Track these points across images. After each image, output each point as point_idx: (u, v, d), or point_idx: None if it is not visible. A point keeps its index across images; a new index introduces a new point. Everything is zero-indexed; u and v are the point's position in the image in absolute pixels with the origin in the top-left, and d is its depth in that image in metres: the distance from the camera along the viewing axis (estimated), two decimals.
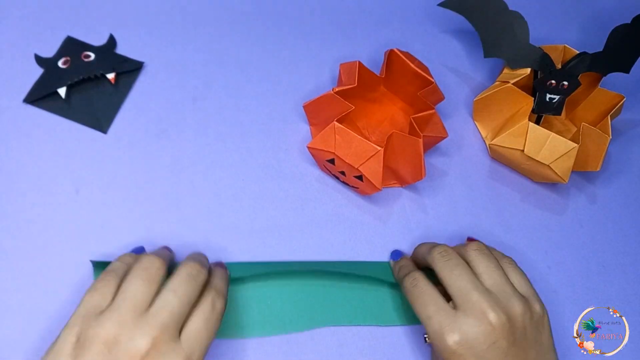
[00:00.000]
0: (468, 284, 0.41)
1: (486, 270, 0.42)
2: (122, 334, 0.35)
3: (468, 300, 0.40)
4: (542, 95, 0.54)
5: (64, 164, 0.52)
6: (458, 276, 0.41)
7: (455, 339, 0.39)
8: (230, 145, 0.55)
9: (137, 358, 0.35)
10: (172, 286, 0.38)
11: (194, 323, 0.38)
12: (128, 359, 0.35)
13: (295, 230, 0.52)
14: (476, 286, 0.41)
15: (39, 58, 0.55)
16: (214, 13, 0.61)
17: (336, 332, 0.48)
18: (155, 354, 0.35)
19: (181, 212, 0.51)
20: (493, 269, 0.42)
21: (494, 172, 0.57)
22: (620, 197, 0.57)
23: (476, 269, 0.43)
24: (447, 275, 0.42)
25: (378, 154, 0.47)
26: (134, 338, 0.35)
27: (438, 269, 0.43)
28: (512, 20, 0.54)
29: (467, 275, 0.42)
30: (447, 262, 0.43)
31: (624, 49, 0.52)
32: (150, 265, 0.39)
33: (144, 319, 0.36)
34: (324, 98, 0.50)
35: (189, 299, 0.38)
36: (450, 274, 0.42)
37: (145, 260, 0.40)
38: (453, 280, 0.41)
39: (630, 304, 0.52)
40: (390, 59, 0.54)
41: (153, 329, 0.35)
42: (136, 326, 0.35)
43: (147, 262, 0.39)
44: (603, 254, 0.54)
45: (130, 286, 0.38)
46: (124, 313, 0.36)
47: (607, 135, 0.52)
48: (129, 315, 0.36)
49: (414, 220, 0.53)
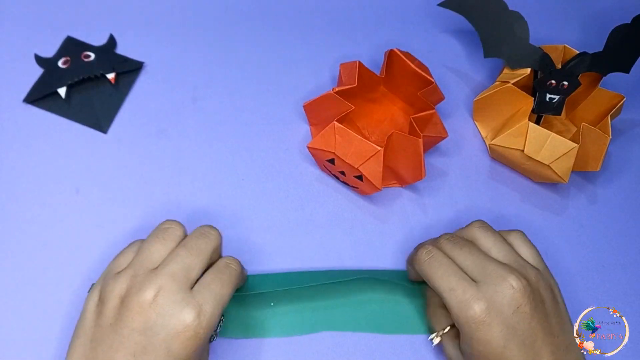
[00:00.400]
0: (480, 256, 0.40)
1: (494, 245, 0.42)
2: (133, 287, 0.36)
3: (484, 270, 0.39)
4: (542, 95, 0.54)
5: (64, 163, 0.52)
6: (469, 252, 0.41)
7: (482, 306, 0.38)
8: (230, 145, 0.55)
9: (145, 306, 0.35)
10: (184, 242, 0.39)
11: (205, 277, 0.38)
12: (138, 308, 0.35)
13: (295, 230, 0.52)
14: (489, 258, 0.40)
15: (39, 58, 0.55)
16: (214, 13, 0.61)
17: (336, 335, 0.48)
18: (163, 301, 0.35)
19: (181, 212, 0.51)
20: (500, 243, 0.42)
21: (494, 172, 0.57)
22: (621, 197, 0.56)
23: (484, 246, 0.42)
24: (458, 255, 0.41)
25: (378, 154, 0.47)
26: (142, 289, 0.36)
27: (449, 250, 0.42)
28: (512, 20, 0.54)
29: (476, 250, 0.41)
30: (455, 244, 0.42)
31: (624, 49, 0.52)
32: (169, 226, 0.40)
33: (154, 271, 0.37)
34: (324, 98, 0.50)
35: (200, 252, 0.39)
36: (460, 252, 0.41)
37: (165, 223, 0.41)
38: (465, 257, 0.41)
39: (630, 304, 0.51)
40: (391, 59, 0.54)
41: (161, 278, 0.36)
42: (145, 278, 0.36)
43: (167, 224, 0.41)
44: (603, 254, 0.54)
45: (147, 245, 0.39)
46: (137, 269, 0.37)
47: (607, 135, 0.52)
48: (142, 271, 0.37)
49: (413, 220, 0.53)
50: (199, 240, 0.39)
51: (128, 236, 0.49)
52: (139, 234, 0.49)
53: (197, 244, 0.39)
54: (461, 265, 0.41)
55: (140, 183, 0.52)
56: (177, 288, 0.36)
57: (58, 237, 0.49)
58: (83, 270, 0.47)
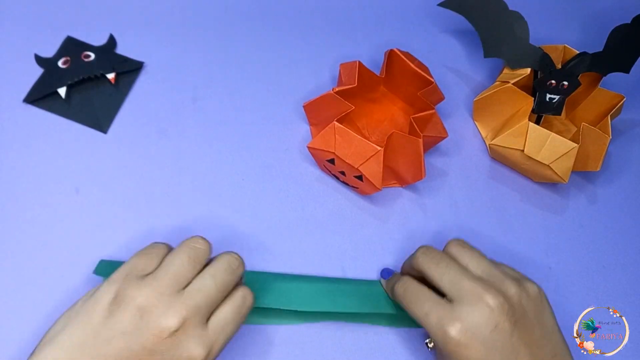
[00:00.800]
0: (457, 274, 0.40)
1: (471, 260, 0.42)
2: (157, 306, 0.36)
3: (461, 289, 0.39)
4: (542, 95, 0.54)
5: (64, 163, 0.52)
6: (445, 268, 0.41)
7: (457, 328, 0.38)
8: (230, 145, 0.55)
9: (164, 334, 0.35)
10: (213, 271, 0.39)
11: (223, 312, 0.38)
12: (156, 332, 0.35)
13: (295, 230, 0.52)
14: (466, 275, 0.40)
15: (39, 58, 0.55)
16: (214, 13, 0.61)
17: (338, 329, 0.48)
18: (182, 334, 0.36)
19: (181, 212, 0.51)
20: (478, 258, 0.42)
21: (494, 172, 0.57)
22: (621, 197, 0.57)
23: (461, 261, 0.42)
24: (434, 272, 0.41)
25: (378, 154, 0.47)
26: (166, 313, 0.36)
27: (425, 267, 0.42)
28: (512, 20, 0.54)
29: (453, 266, 0.41)
30: (431, 258, 0.42)
31: (624, 49, 0.52)
32: (198, 245, 0.40)
33: (181, 296, 0.37)
34: (324, 98, 0.50)
35: (225, 288, 0.39)
36: (436, 269, 0.41)
37: (194, 240, 0.40)
38: (441, 275, 0.41)
39: (630, 304, 0.51)
40: (391, 59, 0.54)
41: (186, 309, 0.36)
42: (171, 302, 0.36)
43: (196, 242, 0.40)
44: (603, 254, 0.54)
45: (176, 260, 0.38)
46: (163, 285, 0.37)
47: (607, 135, 0.52)
48: (168, 289, 0.37)
49: (413, 220, 0.53)
50: (227, 275, 0.39)
51: (127, 236, 0.49)
52: (138, 234, 0.49)
53: (225, 279, 0.39)
54: (437, 284, 0.41)
55: (140, 183, 0.52)
56: (198, 322, 0.36)
57: (58, 237, 0.49)
58: (83, 270, 0.47)
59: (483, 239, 0.53)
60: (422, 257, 0.43)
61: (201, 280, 0.38)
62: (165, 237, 0.49)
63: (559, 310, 0.50)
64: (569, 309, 0.51)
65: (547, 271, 0.52)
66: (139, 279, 0.37)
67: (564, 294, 0.51)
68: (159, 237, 0.49)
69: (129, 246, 0.49)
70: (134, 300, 0.36)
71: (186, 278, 0.38)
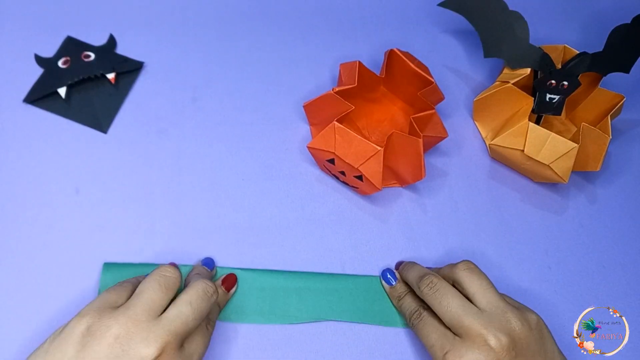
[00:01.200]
0: (458, 310, 0.40)
1: (479, 289, 0.42)
2: (135, 333, 0.36)
3: (462, 327, 0.40)
4: (542, 95, 0.54)
5: (64, 163, 0.52)
6: (447, 306, 0.41)
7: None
8: (230, 145, 0.55)
9: None
10: (189, 299, 0.39)
11: (195, 339, 0.39)
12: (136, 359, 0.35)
13: (295, 230, 0.52)
14: (467, 311, 0.40)
15: (39, 58, 0.55)
16: (214, 13, 0.61)
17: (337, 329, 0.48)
18: None
19: (181, 212, 0.51)
20: (486, 288, 0.42)
21: (494, 172, 0.57)
22: (621, 197, 0.57)
23: (468, 290, 0.42)
24: (437, 308, 0.42)
25: (378, 154, 0.47)
26: (147, 339, 0.35)
27: (429, 301, 0.43)
28: (512, 20, 0.54)
29: (456, 302, 0.41)
30: (435, 293, 0.42)
31: (624, 49, 0.52)
32: (168, 273, 0.40)
33: (159, 322, 0.37)
34: (324, 98, 0.50)
35: (202, 315, 0.39)
36: (440, 306, 0.42)
37: (163, 269, 0.40)
38: (444, 311, 0.41)
39: (630, 304, 0.51)
40: (391, 59, 0.54)
41: (166, 335, 0.36)
42: (150, 328, 0.36)
43: (166, 271, 0.40)
44: (603, 254, 0.54)
45: (147, 289, 0.38)
46: (139, 312, 0.37)
47: (607, 135, 0.52)
48: (144, 316, 0.36)
49: (414, 220, 0.53)
50: (203, 303, 0.39)
51: (127, 236, 0.49)
52: (138, 234, 0.49)
53: (200, 306, 0.39)
54: (441, 318, 0.42)
55: (140, 183, 0.52)
56: (176, 347, 0.37)
57: (58, 237, 0.49)
58: (82, 269, 0.47)
59: (483, 240, 0.53)
60: (427, 292, 0.43)
61: (178, 307, 0.38)
62: (164, 236, 0.50)
63: (559, 310, 0.50)
64: (569, 309, 0.51)
65: (547, 271, 0.52)
66: (111, 309, 0.37)
67: (564, 294, 0.51)
68: (158, 236, 0.50)
69: (129, 246, 0.49)
70: (110, 329, 0.35)
71: (159, 305, 0.38)
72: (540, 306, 0.50)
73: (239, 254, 0.50)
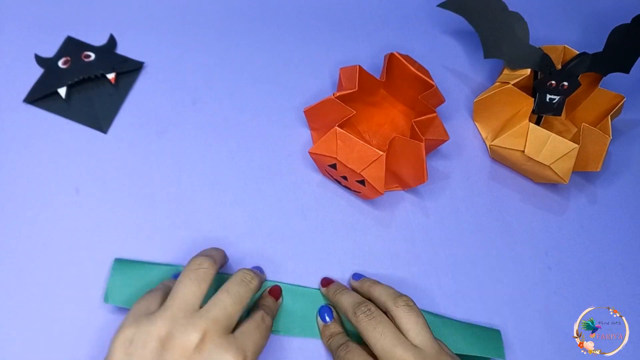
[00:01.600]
0: (393, 340, 0.40)
1: (415, 327, 0.41)
2: (175, 330, 0.36)
3: (393, 357, 0.39)
4: (542, 95, 0.54)
5: (63, 164, 0.52)
6: (381, 334, 0.40)
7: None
8: (230, 148, 0.55)
9: (190, 350, 0.35)
10: (227, 287, 0.39)
11: (245, 326, 0.39)
12: (182, 352, 0.35)
13: (297, 236, 0.51)
14: (400, 342, 0.40)
15: (39, 58, 0.55)
16: (215, 15, 0.61)
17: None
18: (209, 345, 0.36)
19: (180, 213, 0.51)
20: (422, 327, 0.41)
21: (494, 173, 0.57)
22: (621, 197, 0.57)
23: (404, 326, 0.41)
24: (371, 335, 0.41)
25: (380, 159, 0.47)
26: (186, 332, 0.36)
27: (361, 329, 0.42)
28: (512, 20, 0.54)
29: (391, 331, 0.41)
30: (371, 320, 0.42)
31: (624, 49, 0.52)
32: (198, 266, 0.40)
33: (197, 315, 0.37)
34: (325, 103, 0.50)
35: (241, 300, 0.39)
36: (374, 332, 0.41)
37: (193, 262, 0.41)
38: (377, 339, 0.40)
39: (630, 304, 0.51)
40: (391, 63, 0.53)
41: (205, 322, 0.36)
42: (188, 322, 0.36)
43: (195, 264, 0.40)
44: (603, 254, 0.54)
45: (180, 287, 0.39)
46: (175, 311, 0.37)
47: (607, 136, 0.52)
48: (181, 313, 0.37)
49: (416, 224, 0.53)
50: (241, 287, 0.40)
51: (127, 236, 0.49)
52: (137, 234, 0.49)
53: (239, 291, 0.39)
54: (372, 348, 0.41)
55: (139, 183, 0.52)
56: (221, 332, 0.37)
57: (57, 237, 0.48)
58: (83, 269, 0.47)
59: (484, 241, 0.53)
60: (362, 318, 0.42)
61: (216, 297, 0.39)
62: (164, 237, 0.49)
63: (559, 310, 0.50)
64: (569, 309, 0.51)
65: (547, 271, 0.52)
66: (148, 315, 0.37)
67: (564, 294, 0.51)
68: (157, 237, 0.50)
69: (128, 246, 0.48)
70: (151, 334, 0.36)
71: (197, 298, 0.38)
72: (540, 306, 0.50)
73: (238, 258, 0.50)
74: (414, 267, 0.51)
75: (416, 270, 0.51)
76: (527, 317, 0.50)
